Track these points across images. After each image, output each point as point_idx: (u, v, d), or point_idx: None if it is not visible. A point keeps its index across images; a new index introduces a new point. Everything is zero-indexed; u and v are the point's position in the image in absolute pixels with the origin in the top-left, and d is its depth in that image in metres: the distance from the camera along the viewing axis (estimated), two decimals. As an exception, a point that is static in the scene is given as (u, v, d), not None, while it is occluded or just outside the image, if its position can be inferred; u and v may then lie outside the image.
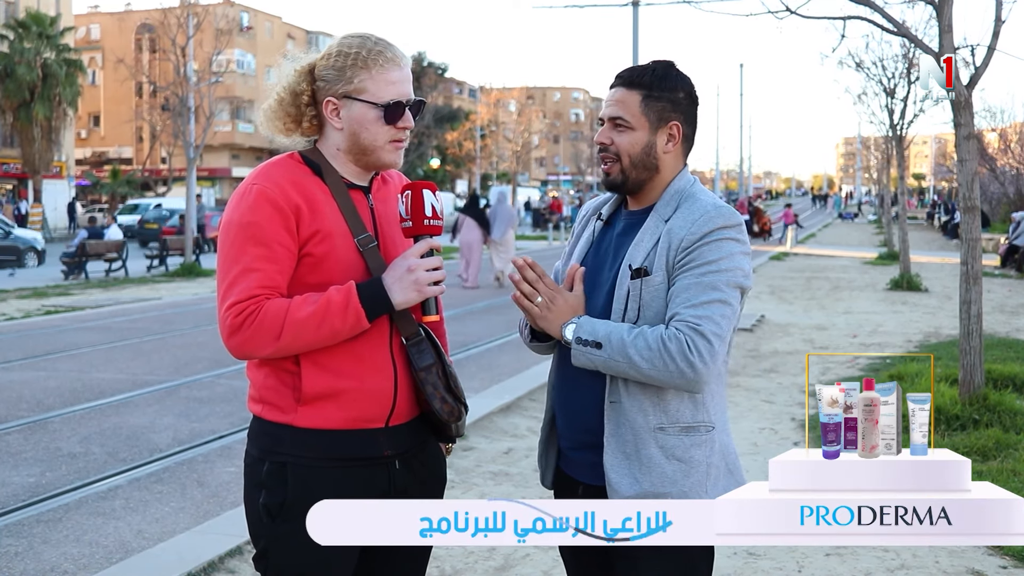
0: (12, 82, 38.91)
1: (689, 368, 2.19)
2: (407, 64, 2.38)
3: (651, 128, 2.36)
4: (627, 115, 2.36)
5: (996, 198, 42.82)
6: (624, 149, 2.37)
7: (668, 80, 2.37)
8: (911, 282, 18.63)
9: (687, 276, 2.25)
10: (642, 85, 2.36)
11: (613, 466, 2.30)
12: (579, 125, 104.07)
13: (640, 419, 2.28)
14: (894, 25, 7.92)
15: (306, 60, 2.38)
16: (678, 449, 2.28)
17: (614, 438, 2.30)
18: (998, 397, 7.22)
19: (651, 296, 2.29)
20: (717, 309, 2.22)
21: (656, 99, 2.36)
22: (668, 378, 2.21)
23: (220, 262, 2.28)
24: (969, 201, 7.41)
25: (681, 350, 2.18)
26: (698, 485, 2.28)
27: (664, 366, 2.19)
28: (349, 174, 2.38)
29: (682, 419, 2.29)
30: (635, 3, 24.95)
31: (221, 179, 61.19)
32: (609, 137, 2.39)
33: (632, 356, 2.20)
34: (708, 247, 2.26)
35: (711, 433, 2.32)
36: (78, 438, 7.15)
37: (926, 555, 4.77)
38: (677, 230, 2.29)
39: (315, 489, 2.26)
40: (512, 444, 6.98)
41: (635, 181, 2.39)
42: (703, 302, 2.21)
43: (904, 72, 19.81)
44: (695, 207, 2.32)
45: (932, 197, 68.67)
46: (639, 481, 2.27)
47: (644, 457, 2.27)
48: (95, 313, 15.06)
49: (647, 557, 2.29)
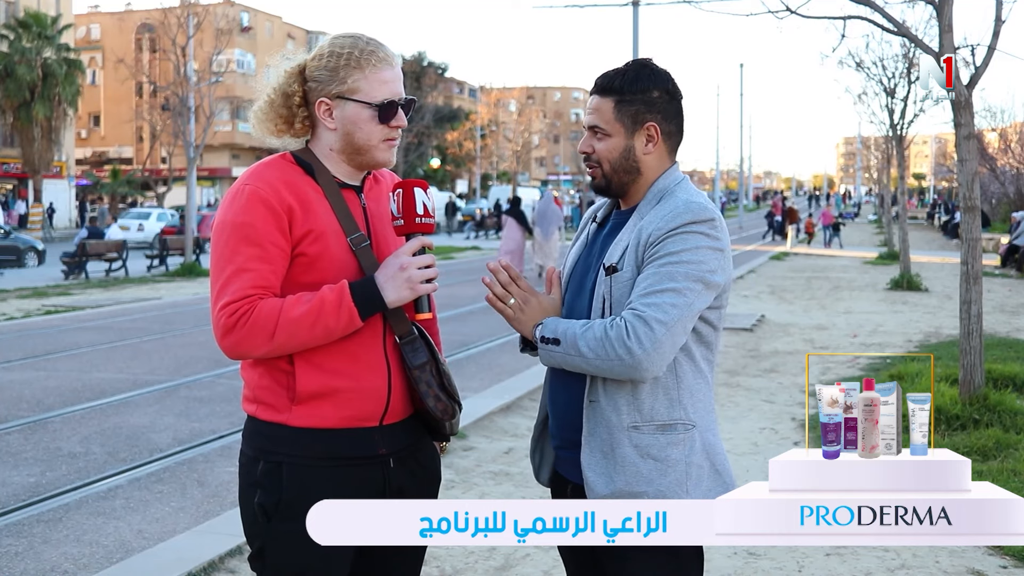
0: (12, 82, 38.94)
1: (627, 353, 2.18)
2: (398, 63, 2.38)
3: (627, 132, 2.37)
4: (602, 123, 2.38)
5: (996, 198, 42.86)
6: (603, 156, 2.39)
7: (640, 82, 2.36)
8: (911, 282, 18.64)
9: (648, 268, 2.26)
10: (613, 91, 2.37)
11: (590, 465, 2.30)
12: (579, 125, 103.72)
13: (614, 417, 2.28)
14: (894, 25, 7.92)
15: (295, 61, 2.38)
16: (653, 448, 2.27)
17: (592, 437, 2.31)
18: (998, 397, 7.21)
19: (620, 292, 2.30)
20: (668, 298, 2.21)
21: (628, 103, 2.36)
22: (610, 366, 2.21)
23: (213, 262, 2.28)
24: (969, 201, 7.40)
25: (620, 336, 2.19)
26: (676, 484, 2.26)
27: (605, 354, 2.20)
28: (341, 174, 2.38)
29: (657, 417, 2.28)
30: (635, 3, 24.93)
31: (221, 179, 61.20)
32: (590, 145, 2.41)
33: (581, 348, 2.23)
34: (672, 240, 2.26)
35: (691, 432, 2.29)
36: (78, 438, 7.15)
37: (926, 555, 4.76)
38: (647, 226, 2.30)
39: (310, 488, 2.26)
40: (512, 444, 6.98)
41: (618, 184, 2.41)
42: (655, 291, 2.22)
43: (904, 72, 19.83)
44: (668, 204, 2.33)
45: (932, 197, 68.69)
46: (613, 480, 2.27)
47: (619, 456, 2.27)
48: (95, 313, 15.06)
49: (636, 558, 2.28)
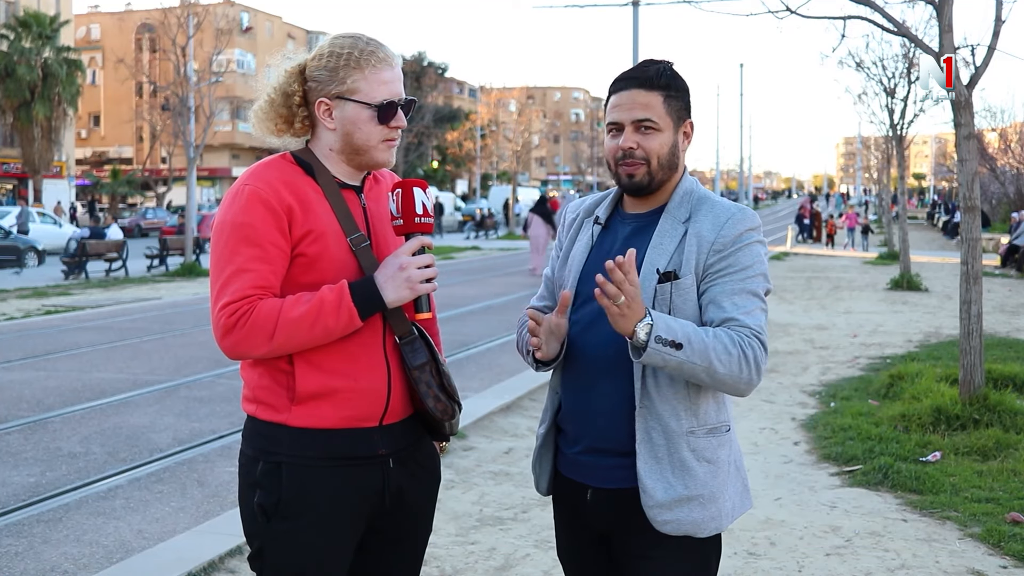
0: (12, 82, 38.95)
1: (758, 375, 2.23)
2: (398, 63, 2.38)
3: (674, 128, 2.35)
4: (655, 116, 2.32)
5: (996, 198, 42.86)
6: (654, 151, 2.32)
7: (679, 79, 2.37)
8: (911, 282, 18.64)
9: (729, 281, 2.26)
10: (660, 86, 2.33)
11: (647, 472, 2.27)
12: (579, 125, 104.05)
13: (673, 423, 2.27)
14: (894, 25, 7.91)
15: (295, 61, 2.37)
16: (707, 451, 2.30)
17: (645, 444, 2.28)
18: (998, 397, 7.21)
19: (682, 299, 2.27)
20: (762, 317, 2.27)
21: (675, 99, 2.35)
22: (736, 383, 2.22)
23: (213, 263, 2.28)
24: (969, 201, 7.40)
25: (755, 357, 2.21)
26: (723, 485, 2.32)
27: (739, 372, 2.20)
28: (341, 174, 2.38)
29: (708, 421, 2.31)
30: (635, 3, 24.93)
31: (221, 179, 61.21)
32: (635, 141, 2.33)
33: (712, 359, 2.17)
34: (742, 252, 2.28)
35: (729, 433, 2.36)
36: (78, 438, 7.15)
37: (926, 555, 4.76)
38: (706, 233, 2.29)
39: (310, 488, 2.27)
40: (512, 444, 6.98)
41: (659, 182, 2.36)
42: (752, 310, 2.25)
43: (904, 72, 19.81)
44: (718, 209, 2.33)
45: (932, 197, 68.71)
46: (673, 485, 2.26)
47: (677, 461, 2.27)
48: (95, 313, 15.06)
49: (663, 556, 2.30)
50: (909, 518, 5.33)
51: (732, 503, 2.34)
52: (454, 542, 4.93)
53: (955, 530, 5.12)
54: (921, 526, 5.19)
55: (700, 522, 2.27)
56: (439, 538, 4.91)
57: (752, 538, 4.98)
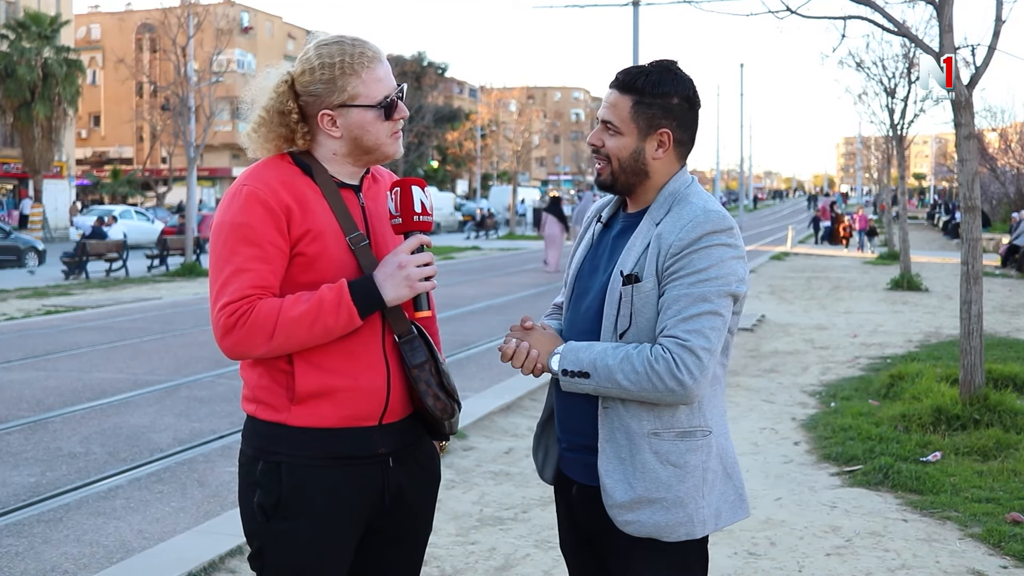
0: (12, 82, 38.89)
1: (679, 386, 2.18)
2: (384, 55, 2.38)
3: (640, 135, 2.33)
4: (616, 120, 2.33)
5: (996, 198, 42.87)
6: (613, 153, 2.35)
7: (662, 86, 2.32)
8: (911, 282, 18.64)
9: (677, 285, 2.22)
10: (634, 90, 2.32)
11: (608, 471, 2.29)
12: (579, 125, 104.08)
13: (634, 424, 2.27)
14: (894, 25, 7.91)
15: (279, 77, 2.35)
16: (673, 454, 2.26)
17: (609, 443, 2.29)
18: (998, 397, 7.21)
19: (642, 303, 2.27)
20: (707, 321, 2.20)
21: (647, 106, 2.31)
22: (658, 397, 2.21)
23: (212, 263, 2.28)
24: (970, 201, 7.40)
25: (669, 369, 2.17)
26: (693, 490, 2.26)
27: (653, 387, 2.19)
28: (341, 174, 2.38)
29: (677, 424, 2.27)
30: (635, 3, 24.92)
31: (221, 179, 61.20)
32: (600, 139, 2.37)
33: (620, 381, 2.20)
34: (697, 254, 2.22)
35: (708, 437, 2.30)
36: (78, 438, 7.15)
37: (926, 555, 4.76)
38: (666, 235, 2.26)
39: (310, 488, 2.27)
40: (512, 444, 6.97)
41: (624, 184, 2.37)
42: (693, 315, 2.19)
43: (904, 72, 19.80)
44: (684, 211, 2.28)
45: (932, 197, 68.71)
46: (633, 486, 2.26)
47: (638, 462, 2.26)
48: (95, 313, 15.06)
49: (641, 557, 2.30)
50: (909, 518, 5.33)
51: (713, 510, 2.30)
52: (454, 542, 4.93)
53: (955, 530, 5.12)
54: (921, 526, 5.19)
55: (664, 525, 2.25)
56: (439, 538, 4.91)
57: (752, 538, 4.98)
